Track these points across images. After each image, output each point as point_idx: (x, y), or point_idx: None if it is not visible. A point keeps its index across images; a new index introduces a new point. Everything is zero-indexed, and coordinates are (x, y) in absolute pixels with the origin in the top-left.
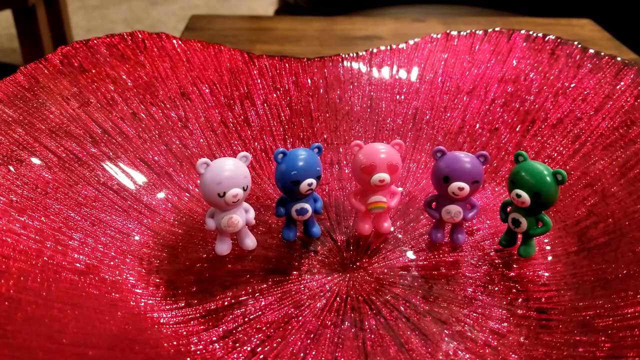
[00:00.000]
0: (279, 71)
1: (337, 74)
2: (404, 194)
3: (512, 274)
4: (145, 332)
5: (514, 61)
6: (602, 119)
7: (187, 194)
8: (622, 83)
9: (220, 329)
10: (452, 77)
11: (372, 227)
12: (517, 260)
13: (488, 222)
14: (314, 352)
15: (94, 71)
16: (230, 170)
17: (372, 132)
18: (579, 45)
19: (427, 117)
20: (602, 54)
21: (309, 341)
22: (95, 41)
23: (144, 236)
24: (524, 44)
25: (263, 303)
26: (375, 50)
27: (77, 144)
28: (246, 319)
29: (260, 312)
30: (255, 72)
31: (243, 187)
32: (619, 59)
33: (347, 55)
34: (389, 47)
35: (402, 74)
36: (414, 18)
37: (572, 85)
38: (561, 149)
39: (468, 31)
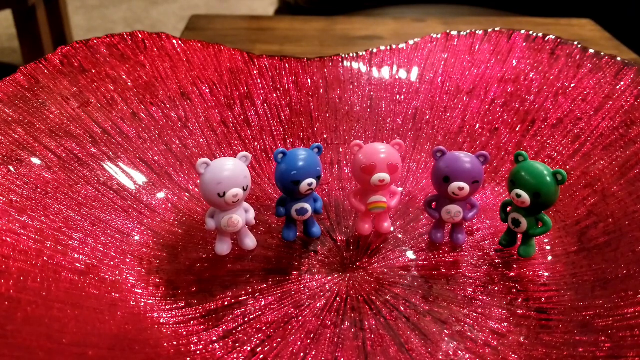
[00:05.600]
0: (279, 71)
1: (337, 74)
2: (404, 194)
3: (512, 274)
4: (145, 332)
5: (514, 61)
6: (602, 119)
7: (187, 194)
8: (622, 83)
9: (220, 329)
10: (452, 77)
11: (372, 227)
12: (517, 260)
13: (488, 222)
14: (314, 352)
15: (94, 71)
16: (230, 170)
17: (372, 132)
18: (579, 45)
19: (427, 117)
20: (602, 54)
21: (309, 341)
22: (95, 41)
23: (144, 236)
24: (524, 44)
25: (263, 303)
26: (375, 50)
27: (77, 144)
28: (246, 319)
29: (260, 312)
30: (255, 72)
31: (243, 187)
32: (619, 59)
33: (347, 55)
34: (389, 47)
35: (402, 74)
36: (414, 18)
37: (572, 85)
38: (561, 149)
39: (468, 31)
